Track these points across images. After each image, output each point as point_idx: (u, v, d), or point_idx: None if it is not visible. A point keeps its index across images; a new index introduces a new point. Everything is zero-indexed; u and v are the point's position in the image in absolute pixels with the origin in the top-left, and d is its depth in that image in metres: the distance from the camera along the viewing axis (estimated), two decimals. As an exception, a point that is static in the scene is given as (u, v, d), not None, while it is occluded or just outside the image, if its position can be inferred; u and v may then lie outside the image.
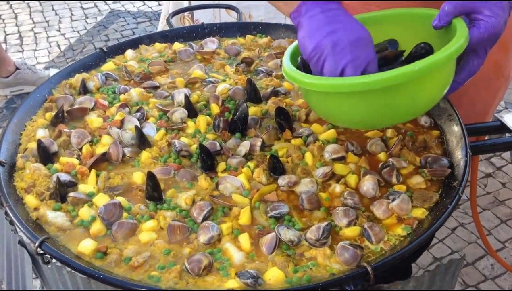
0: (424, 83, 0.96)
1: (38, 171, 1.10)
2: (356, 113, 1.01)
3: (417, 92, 0.98)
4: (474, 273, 2.14)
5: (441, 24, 1.04)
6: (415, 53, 1.08)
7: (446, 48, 0.94)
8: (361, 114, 1.02)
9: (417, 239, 0.93)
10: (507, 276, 2.12)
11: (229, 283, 0.89)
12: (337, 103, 1.01)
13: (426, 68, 0.92)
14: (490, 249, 1.84)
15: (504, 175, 2.64)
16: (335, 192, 1.07)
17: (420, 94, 0.99)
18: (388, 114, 1.02)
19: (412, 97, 0.98)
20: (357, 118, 1.04)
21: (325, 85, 0.97)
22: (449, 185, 1.06)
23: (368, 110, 1.00)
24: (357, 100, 0.98)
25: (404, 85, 0.94)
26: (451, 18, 1.03)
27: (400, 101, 0.98)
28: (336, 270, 0.91)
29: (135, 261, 0.92)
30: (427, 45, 1.08)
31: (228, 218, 1.02)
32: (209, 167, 1.13)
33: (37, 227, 0.99)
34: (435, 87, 1.00)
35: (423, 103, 1.02)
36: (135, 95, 1.34)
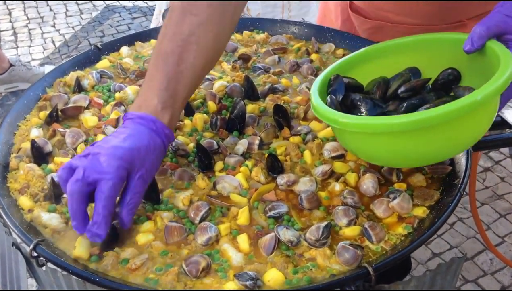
0: (479, 114, 0.90)
1: (32, 172, 1.08)
2: (403, 152, 0.94)
3: (469, 125, 0.91)
4: (473, 268, 2.14)
5: (475, 48, 0.98)
6: (442, 80, 1.05)
7: (500, 73, 0.87)
8: (407, 154, 0.95)
9: (419, 239, 0.92)
10: (506, 270, 2.12)
11: (227, 285, 0.87)
12: (382, 143, 0.94)
13: (488, 96, 0.85)
14: (489, 244, 1.84)
15: (502, 169, 2.63)
16: (335, 191, 1.05)
17: (471, 127, 0.92)
18: (434, 152, 0.95)
19: (462, 131, 0.91)
20: (401, 157, 0.97)
21: (366, 126, 0.90)
22: (450, 182, 1.05)
23: (417, 148, 0.92)
24: (407, 138, 0.90)
25: (460, 119, 0.87)
26: (485, 41, 0.98)
27: (450, 136, 0.91)
28: (336, 270, 0.90)
29: (132, 263, 0.90)
30: (455, 70, 1.04)
31: (226, 218, 1.01)
32: (207, 166, 1.11)
33: (31, 229, 0.97)
34: (486, 118, 0.93)
35: (469, 139, 0.95)
36: (130, 93, 1.32)
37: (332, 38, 1.54)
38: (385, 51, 1.14)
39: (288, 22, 1.62)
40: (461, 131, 0.92)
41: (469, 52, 1.00)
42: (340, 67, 1.11)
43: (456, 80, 1.06)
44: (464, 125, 0.90)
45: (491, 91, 0.85)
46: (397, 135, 0.90)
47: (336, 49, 1.52)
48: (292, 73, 1.44)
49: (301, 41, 1.58)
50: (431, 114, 0.85)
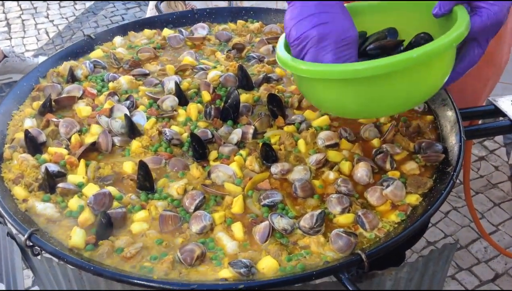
0: (423, 71, 0.94)
1: (26, 162, 1.08)
2: (350, 102, 0.99)
3: (414, 81, 0.95)
4: (467, 256, 2.15)
5: (442, 12, 1.00)
6: (415, 43, 1.06)
7: (446, 35, 0.92)
8: (355, 103, 0.99)
9: (412, 226, 0.92)
10: (500, 258, 2.13)
11: (222, 273, 0.88)
12: (332, 91, 0.99)
13: (425, 55, 0.90)
14: (483, 233, 1.85)
15: (497, 158, 2.64)
16: (329, 179, 1.06)
17: (418, 83, 0.96)
18: (384, 104, 1.00)
19: (409, 87, 0.96)
20: (351, 107, 1.01)
21: (319, 72, 0.94)
22: (443, 170, 1.06)
23: (363, 99, 0.97)
24: (352, 88, 0.95)
25: (402, 73, 0.92)
26: (452, 6, 0.99)
27: (398, 90, 0.96)
28: (330, 258, 0.90)
29: (127, 252, 0.91)
30: (427, 34, 1.05)
31: (221, 207, 1.01)
32: (201, 156, 1.11)
33: (26, 219, 0.97)
34: (434, 76, 0.98)
35: (420, 93, 1.00)
36: (124, 83, 1.32)
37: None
38: (365, 11, 1.14)
39: (282, 12, 1.61)
40: (411, 83, 0.95)
41: (436, 16, 1.02)
42: None
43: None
44: (410, 78, 0.94)
45: (429, 50, 0.90)
46: (349, 82, 0.94)
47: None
48: (286, 63, 1.43)
49: (295, 30, 1.57)
50: (377, 63, 0.89)
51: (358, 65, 0.91)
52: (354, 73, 0.91)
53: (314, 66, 0.95)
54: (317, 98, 1.05)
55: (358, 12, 1.13)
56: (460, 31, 0.93)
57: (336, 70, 0.93)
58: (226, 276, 0.87)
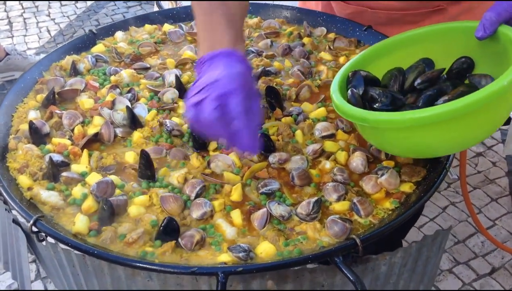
0: (505, 99, 0.90)
1: (31, 152, 1.11)
2: (430, 143, 0.94)
3: (496, 110, 0.91)
4: (464, 250, 2.17)
5: (487, 34, 0.99)
6: (457, 68, 1.06)
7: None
8: (437, 144, 0.94)
9: (405, 212, 0.95)
10: (497, 253, 2.16)
11: (221, 257, 0.90)
12: (410, 136, 0.93)
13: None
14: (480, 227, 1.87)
15: (494, 154, 2.67)
16: (325, 169, 1.09)
17: (498, 112, 0.92)
18: (460, 140, 0.95)
19: (490, 117, 0.91)
20: (430, 148, 0.97)
21: (397, 121, 0.89)
22: (437, 159, 1.08)
23: (443, 138, 0.92)
24: (434, 129, 0.90)
25: (488, 105, 0.87)
26: (496, 27, 0.99)
27: (479, 122, 0.91)
28: (326, 243, 0.93)
29: (129, 237, 0.93)
30: (468, 58, 1.05)
31: (220, 195, 1.04)
32: (201, 146, 1.14)
33: (31, 206, 1.00)
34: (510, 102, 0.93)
35: (496, 123, 0.95)
36: (125, 76, 1.35)
37: (324, 22, 1.56)
38: (399, 44, 1.14)
39: (281, 7, 1.64)
40: (488, 118, 0.91)
41: (481, 38, 1.00)
42: (356, 64, 1.11)
43: (470, 68, 1.06)
44: (491, 111, 0.90)
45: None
46: (424, 127, 0.90)
47: (328, 33, 1.55)
48: (285, 57, 1.46)
49: (293, 25, 1.61)
50: (459, 104, 0.85)
51: (447, 106, 0.85)
52: (446, 115, 0.86)
53: (395, 116, 0.91)
54: (389, 143, 1.00)
55: (387, 51, 1.14)
56: None
57: (423, 117, 0.87)
58: (225, 260, 0.90)
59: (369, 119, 0.92)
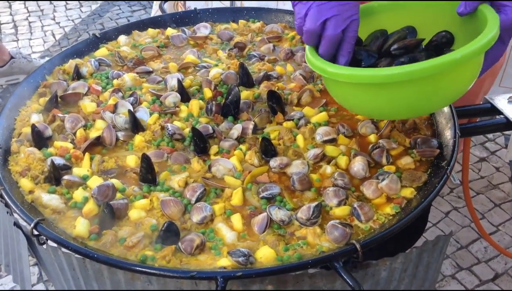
0: (460, 72, 0.93)
1: (33, 155, 1.11)
2: (385, 105, 0.98)
3: (451, 81, 0.94)
4: (467, 256, 2.16)
5: (467, 11, 1.01)
6: (436, 41, 1.07)
7: (483, 35, 0.91)
8: (389, 106, 0.98)
9: (406, 217, 0.95)
10: (500, 258, 2.14)
11: (221, 262, 0.90)
12: (367, 95, 0.97)
13: (468, 56, 0.88)
14: (483, 233, 1.86)
15: (498, 159, 2.65)
16: (326, 173, 1.09)
17: (452, 84, 0.95)
18: (414, 106, 0.99)
19: (445, 87, 0.95)
20: (384, 109, 1.01)
21: (356, 76, 0.93)
22: (438, 165, 1.08)
23: (398, 101, 0.96)
24: (389, 90, 0.94)
25: (440, 75, 0.90)
26: (477, 5, 1.00)
27: (432, 91, 0.94)
28: (326, 248, 0.93)
29: (129, 241, 0.93)
30: (448, 33, 1.07)
31: (221, 199, 1.04)
32: (202, 150, 1.14)
33: (32, 209, 1.00)
34: (468, 76, 0.97)
35: (452, 94, 0.99)
36: (128, 80, 1.35)
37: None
38: (383, 9, 1.15)
39: (283, 12, 1.64)
40: (443, 86, 0.94)
41: (461, 14, 1.03)
42: None
43: (449, 43, 1.08)
44: (446, 80, 0.93)
45: (469, 52, 0.89)
46: (380, 87, 0.93)
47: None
48: (287, 61, 1.47)
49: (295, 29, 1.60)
50: (412, 68, 0.88)
51: (397, 69, 0.89)
52: (401, 76, 0.89)
53: (355, 71, 0.94)
54: (346, 99, 1.05)
55: (375, 11, 1.14)
56: (496, 30, 0.92)
57: (380, 75, 0.91)
58: (225, 265, 0.89)
59: (327, 71, 0.97)
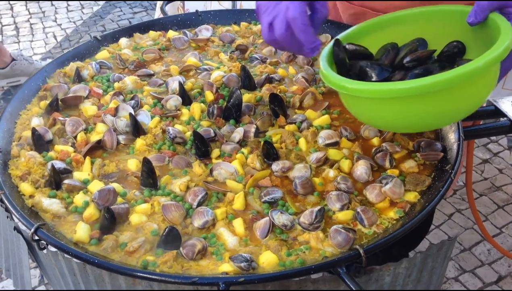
0: (480, 81, 0.93)
1: (33, 159, 1.11)
2: (406, 118, 0.97)
3: (472, 91, 0.93)
4: (470, 258, 2.15)
5: (478, 20, 1.01)
6: (447, 52, 1.07)
7: (501, 42, 0.91)
8: (410, 119, 0.97)
9: (410, 222, 0.94)
10: (504, 260, 2.13)
11: (223, 267, 0.89)
12: (386, 109, 0.96)
13: (490, 62, 0.88)
14: (486, 235, 1.85)
15: (501, 161, 2.65)
16: (329, 177, 1.08)
17: (473, 93, 0.94)
18: (435, 118, 0.97)
19: (466, 97, 0.94)
20: (404, 123, 1.00)
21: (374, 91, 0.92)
22: (442, 168, 1.07)
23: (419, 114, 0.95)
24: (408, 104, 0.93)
25: (461, 85, 0.90)
26: (487, 14, 1.00)
27: (453, 102, 0.93)
28: (329, 253, 0.92)
29: (130, 246, 0.93)
30: (459, 43, 1.06)
31: (222, 203, 1.03)
32: (203, 154, 1.13)
33: (32, 214, 1.00)
34: (488, 84, 0.96)
35: (473, 103, 0.98)
36: (129, 83, 1.34)
37: (328, 29, 1.56)
38: (396, 21, 1.15)
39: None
40: (462, 97, 0.93)
41: (472, 24, 1.02)
42: (350, 36, 1.13)
43: (461, 53, 1.07)
44: (465, 91, 0.92)
45: (491, 59, 0.88)
46: (402, 100, 0.92)
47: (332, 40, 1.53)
48: (289, 64, 1.46)
49: (298, 32, 1.60)
50: (434, 80, 0.87)
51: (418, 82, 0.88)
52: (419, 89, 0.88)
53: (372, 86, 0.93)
54: (366, 114, 1.04)
55: (384, 26, 1.15)
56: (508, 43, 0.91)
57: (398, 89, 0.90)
58: (227, 270, 0.89)
59: (347, 88, 0.96)
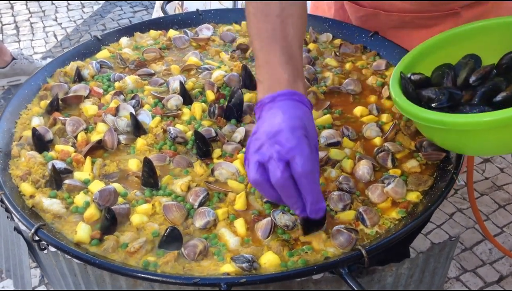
0: None
1: (34, 159, 1.10)
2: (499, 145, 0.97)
3: None
4: (472, 258, 2.15)
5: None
6: (506, 63, 1.06)
7: None
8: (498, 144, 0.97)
9: (412, 222, 0.93)
10: (505, 260, 2.13)
11: (224, 267, 0.89)
12: (476, 138, 0.97)
13: None
14: (488, 234, 1.85)
15: (502, 160, 2.64)
16: (330, 177, 1.07)
17: None
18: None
19: None
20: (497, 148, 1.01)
21: (466, 124, 0.91)
22: (444, 168, 1.07)
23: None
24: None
25: None
26: None
27: None
28: (331, 253, 0.92)
29: (131, 247, 0.92)
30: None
31: (224, 203, 1.02)
32: (205, 154, 1.13)
33: (32, 214, 0.99)
34: None
35: None
36: (130, 82, 1.34)
37: (330, 28, 1.55)
38: (445, 42, 1.15)
39: (286, 13, 1.62)
40: None
41: None
42: (408, 64, 1.13)
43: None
44: None
45: None
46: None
47: (333, 39, 1.53)
48: (290, 63, 1.45)
49: (299, 31, 1.59)
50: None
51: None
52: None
53: (470, 118, 0.92)
54: (454, 144, 1.03)
55: (441, 46, 1.15)
56: None
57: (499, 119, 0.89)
58: (229, 271, 0.88)
59: (448, 122, 0.93)
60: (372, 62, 1.42)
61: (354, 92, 1.32)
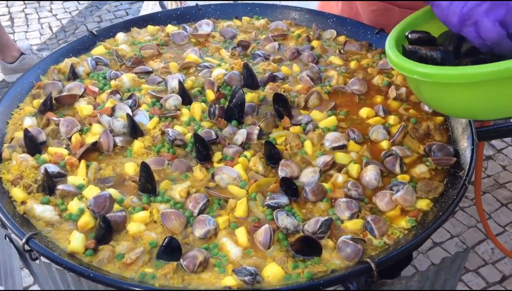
0: None
1: (26, 162, 1.06)
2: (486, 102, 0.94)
3: None
4: (474, 257, 2.12)
5: None
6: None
7: None
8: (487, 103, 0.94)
9: (422, 233, 0.90)
10: (507, 260, 2.10)
11: (225, 281, 0.85)
12: (464, 93, 0.94)
13: None
14: (491, 234, 1.83)
15: (504, 158, 2.61)
16: (338, 183, 1.03)
17: None
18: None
19: None
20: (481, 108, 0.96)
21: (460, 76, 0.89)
22: (455, 174, 1.03)
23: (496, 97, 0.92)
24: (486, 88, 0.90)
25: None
26: None
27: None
28: (337, 265, 0.88)
29: (127, 257, 0.88)
30: None
31: (224, 210, 0.98)
32: (205, 157, 1.08)
33: (24, 222, 0.95)
34: None
35: None
36: (126, 81, 1.29)
37: (334, 25, 1.50)
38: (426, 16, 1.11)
39: (289, 8, 1.58)
40: None
41: None
42: (411, 22, 1.10)
43: None
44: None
45: None
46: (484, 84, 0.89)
47: (337, 36, 1.49)
48: (293, 61, 1.41)
49: (301, 27, 1.55)
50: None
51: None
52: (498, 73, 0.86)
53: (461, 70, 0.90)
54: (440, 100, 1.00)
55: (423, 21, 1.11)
56: None
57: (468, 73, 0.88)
58: (230, 284, 0.84)
59: (431, 74, 0.91)
60: (378, 61, 1.37)
61: (359, 92, 1.27)
